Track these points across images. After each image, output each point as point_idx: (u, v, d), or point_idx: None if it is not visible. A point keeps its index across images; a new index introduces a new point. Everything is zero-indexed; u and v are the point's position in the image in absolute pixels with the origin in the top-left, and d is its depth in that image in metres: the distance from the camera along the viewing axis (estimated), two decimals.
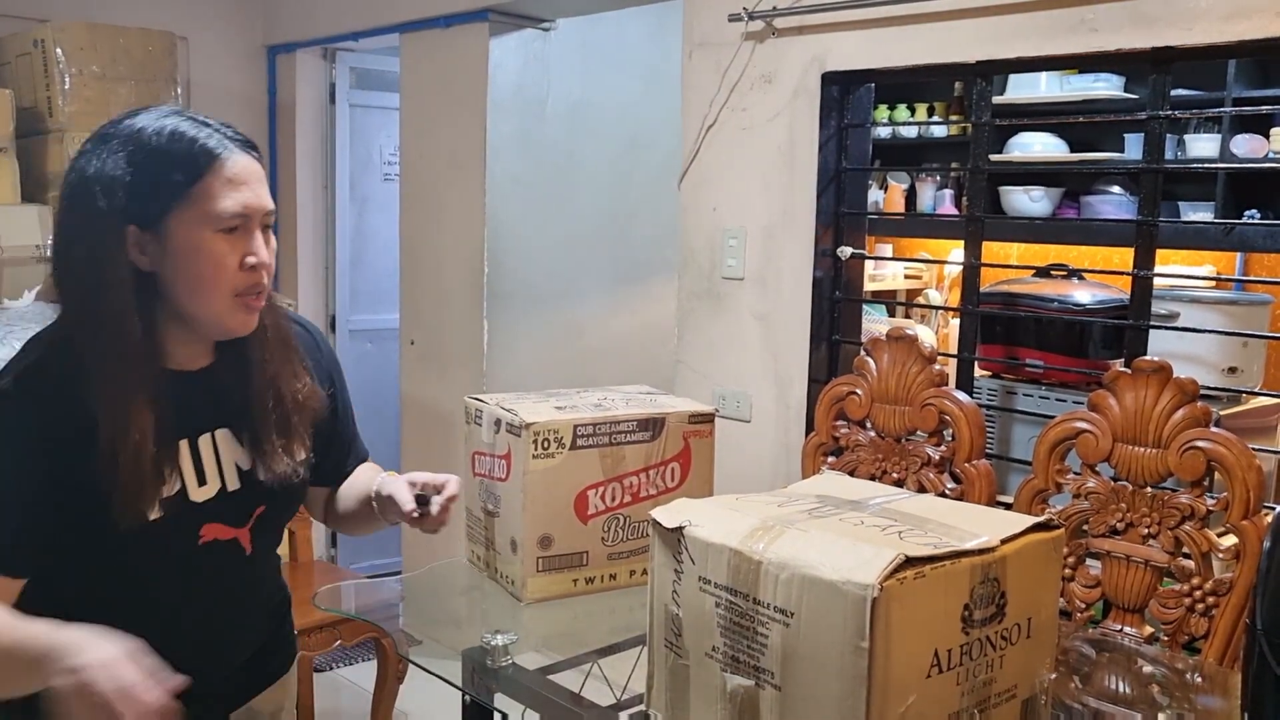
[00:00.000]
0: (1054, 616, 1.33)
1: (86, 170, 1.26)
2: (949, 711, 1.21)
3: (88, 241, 1.24)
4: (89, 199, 1.24)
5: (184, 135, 1.26)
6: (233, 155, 1.27)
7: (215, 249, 1.26)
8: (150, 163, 1.24)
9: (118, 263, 1.24)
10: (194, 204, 1.25)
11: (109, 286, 1.24)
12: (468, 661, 1.69)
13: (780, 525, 1.27)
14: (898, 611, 1.12)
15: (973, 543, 1.21)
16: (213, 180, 1.25)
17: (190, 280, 1.26)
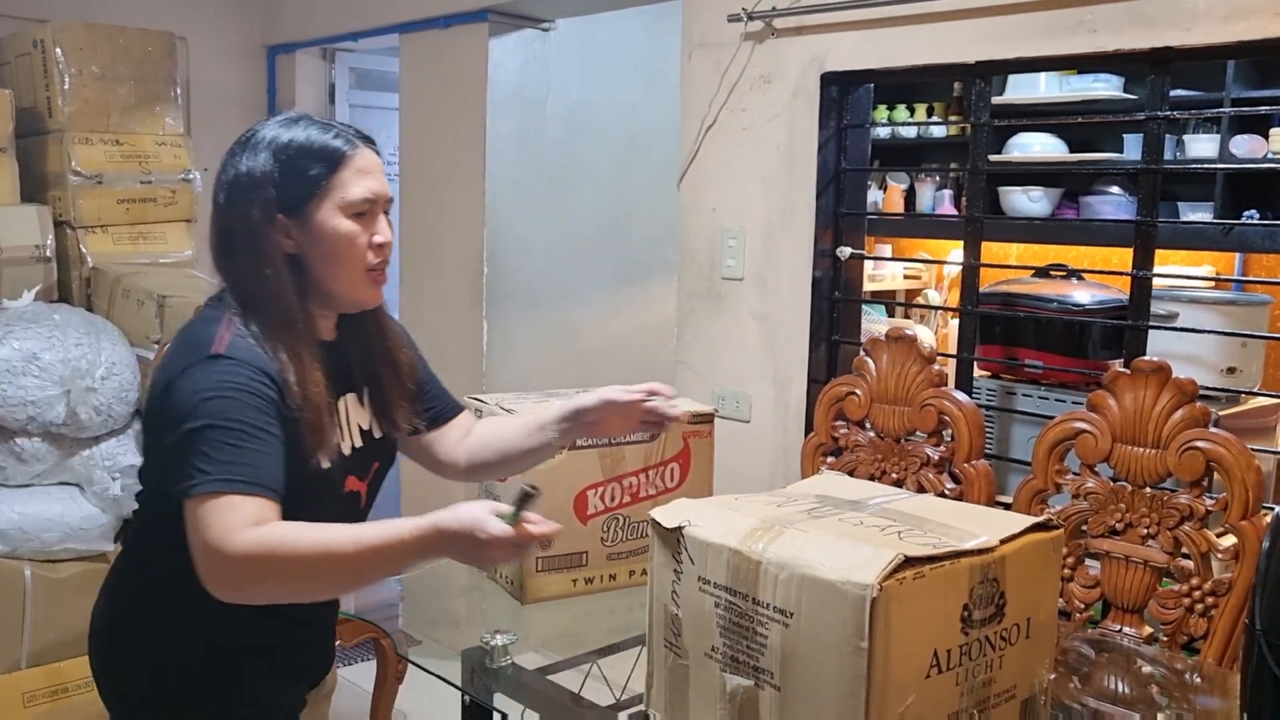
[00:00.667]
0: (1053, 617, 1.33)
1: (239, 169, 1.44)
2: (948, 711, 1.20)
3: (247, 230, 1.43)
4: (245, 194, 1.43)
5: (319, 135, 1.46)
6: (359, 149, 1.47)
7: (349, 230, 1.45)
8: (293, 160, 1.44)
9: (273, 246, 1.43)
10: (331, 193, 1.44)
11: (270, 266, 1.43)
12: (467, 662, 1.69)
13: (780, 525, 1.27)
14: (897, 611, 1.12)
15: (972, 543, 1.21)
16: (345, 172, 1.45)
17: (329, 259, 1.46)
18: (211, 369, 1.35)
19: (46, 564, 2.74)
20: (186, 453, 1.31)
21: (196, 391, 1.34)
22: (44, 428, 2.70)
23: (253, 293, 1.44)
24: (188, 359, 1.37)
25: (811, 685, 1.18)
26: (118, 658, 1.54)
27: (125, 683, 1.55)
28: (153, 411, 1.43)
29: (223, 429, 1.31)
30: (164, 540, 1.46)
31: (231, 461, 1.30)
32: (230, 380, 1.35)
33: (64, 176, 3.21)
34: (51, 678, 2.75)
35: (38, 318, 2.80)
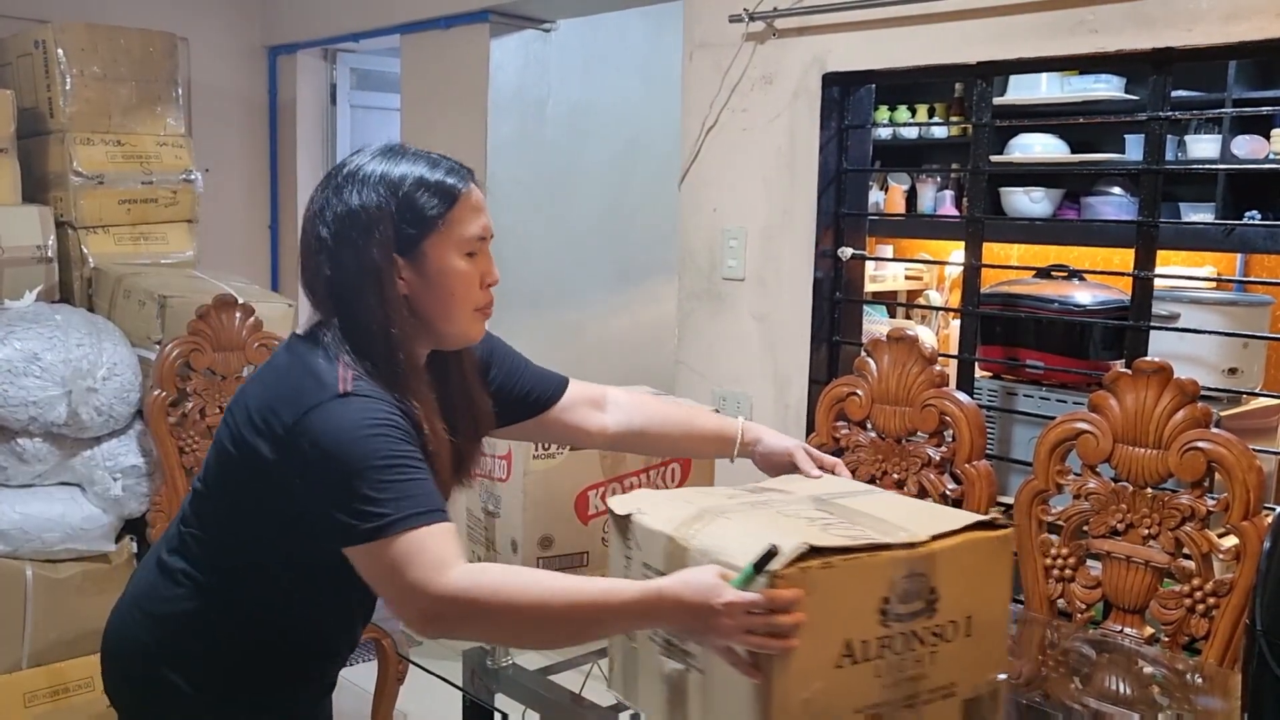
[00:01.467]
0: (1002, 616, 1.31)
1: (350, 204, 1.37)
2: (869, 703, 1.20)
3: (368, 271, 1.36)
4: (362, 232, 1.36)
5: (431, 171, 1.41)
6: (470, 186, 1.44)
7: (466, 270, 1.41)
8: (410, 197, 1.38)
9: (395, 288, 1.37)
10: (448, 231, 1.39)
11: (394, 310, 1.37)
12: (468, 662, 1.69)
13: (715, 514, 1.30)
14: (800, 599, 1.13)
15: (895, 537, 1.21)
16: (460, 209, 1.40)
17: (443, 299, 1.40)
18: (348, 408, 1.30)
19: (47, 564, 2.74)
20: (347, 496, 1.25)
21: (341, 431, 1.28)
22: (45, 428, 2.70)
23: (377, 334, 1.36)
24: (312, 399, 1.30)
25: (728, 668, 1.20)
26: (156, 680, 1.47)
27: (155, 704, 1.49)
28: (250, 445, 1.34)
29: (385, 466, 1.26)
30: (233, 576, 1.44)
31: (405, 496, 1.25)
32: (373, 416, 1.30)
33: (65, 177, 3.21)
34: (52, 678, 2.75)
35: (39, 318, 2.80)
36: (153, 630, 1.47)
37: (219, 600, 1.44)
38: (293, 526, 1.35)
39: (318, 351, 1.37)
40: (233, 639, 1.45)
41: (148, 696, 1.49)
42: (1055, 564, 2.04)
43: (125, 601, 1.53)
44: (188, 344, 2.63)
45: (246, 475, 1.37)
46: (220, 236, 3.96)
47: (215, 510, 1.45)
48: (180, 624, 1.45)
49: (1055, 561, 2.04)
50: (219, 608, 1.44)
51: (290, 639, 1.47)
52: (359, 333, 1.37)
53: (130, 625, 1.50)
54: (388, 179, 1.38)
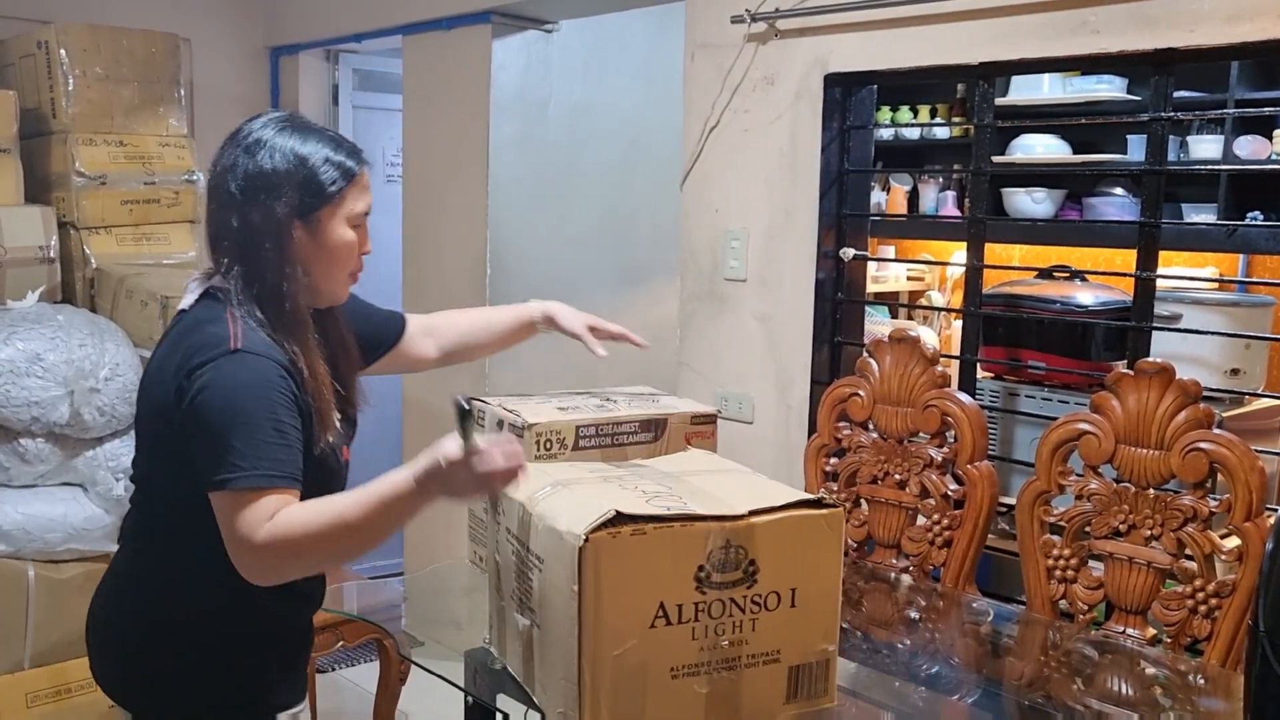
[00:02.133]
0: (832, 590, 1.39)
1: (261, 166, 1.53)
2: (684, 663, 1.30)
3: (272, 228, 1.52)
4: (269, 192, 1.52)
5: (334, 151, 1.57)
6: (364, 168, 1.61)
7: (351, 240, 1.59)
8: (318, 170, 1.54)
9: (293, 245, 1.54)
10: (340, 205, 1.56)
11: (290, 265, 1.53)
12: (470, 662, 1.69)
13: (564, 485, 1.41)
14: (609, 562, 1.23)
15: (714, 510, 1.30)
16: (354, 187, 1.58)
17: (329, 262, 1.58)
18: (234, 365, 1.44)
19: (50, 564, 2.75)
20: (218, 448, 1.40)
21: (225, 387, 1.43)
22: (47, 428, 2.70)
23: (274, 288, 1.52)
24: (203, 356, 1.45)
25: (554, 625, 1.31)
26: (132, 649, 1.61)
27: (138, 675, 1.61)
28: (163, 406, 1.49)
29: (253, 427, 1.41)
30: (172, 533, 1.57)
31: (262, 457, 1.40)
32: (255, 377, 1.44)
33: (68, 177, 3.21)
34: (54, 678, 2.75)
35: (41, 318, 2.80)
36: (119, 602, 1.62)
37: (158, 575, 1.59)
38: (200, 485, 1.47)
39: (212, 307, 1.52)
40: (171, 615, 1.57)
41: (130, 676, 1.62)
42: (1057, 565, 2.04)
43: (98, 592, 1.67)
44: None
45: (166, 442, 1.52)
46: None
47: (152, 485, 1.60)
48: (148, 593, 1.59)
49: (1057, 562, 2.04)
50: (159, 583, 1.58)
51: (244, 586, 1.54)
52: (258, 282, 1.52)
53: (99, 606, 1.65)
54: (298, 152, 1.54)
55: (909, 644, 1.97)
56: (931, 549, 2.23)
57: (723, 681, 1.32)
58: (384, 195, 4.49)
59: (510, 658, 1.51)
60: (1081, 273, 2.76)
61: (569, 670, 1.28)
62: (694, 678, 1.31)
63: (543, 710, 1.41)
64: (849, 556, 2.34)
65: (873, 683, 1.78)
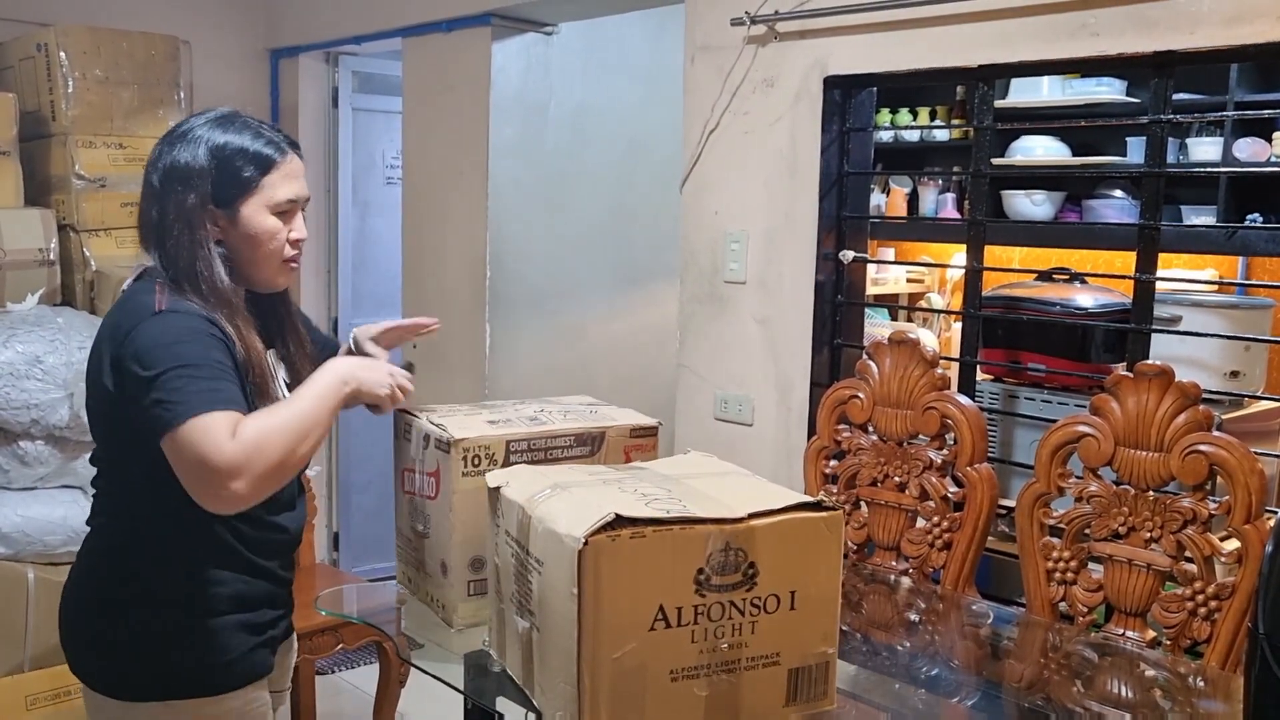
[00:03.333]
0: (831, 593, 1.38)
1: (177, 160, 1.60)
2: (684, 665, 1.29)
3: (182, 215, 1.59)
4: (182, 183, 1.59)
5: (252, 140, 1.62)
6: (288, 156, 1.65)
7: (272, 226, 1.64)
8: (229, 161, 1.60)
9: (205, 230, 1.60)
10: (259, 193, 1.62)
11: (204, 250, 1.59)
12: (469, 665, 1.69)
13: (563, 488, 1.40)
14: (608, 565, 1.23)
15: (714, 513, 1.30)
16: (273, 175, 1.63)
17: (252, 249, 1.64)
18: (160, 322, 1.50)
19: (49, 567, 2.74)
20: (157, 398, 1.43)
21: (153, 344, 1.48)
22: (47, 430, 2.70)
23: (188, 268, 1.58)
24: (130, 323, 1.51)
25: (554, 627, 1.31)
26: (101, 627, 1.63)
27: (106, 654, 1.62)
28: (102, 385, 1.55)
29: (186, 367, 1.45)
30: (133, 510, 1.61)
31: (201, 391, 1.44)
32: (182, 326, 1.50)
33: (67, 180, 3.21)
34: (54, 680, 2.75)
35: (41, 321, 2.80)
36: (84, 582, 1.66)
37: (124, 552, 1.62)
38: (149, 452, 1.49)
39: (141, 284, 1.60)
40: (151, 565, 1.61)
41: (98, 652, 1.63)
42: (1057, 567, 2.04)
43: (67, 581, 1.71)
44: None
45: (112, 418, 1.58)
46: None
47: (109, 468, 1.65)
48: (102, 567, 1.64)
49: (1057, 565, 2.04)
50: (125, 559, 1.62)
51: (211, 562, 1.62)
52: (181, 269, 1.58)
53: (67, 592, 1.69)
54: (213, 143, 1.61)
55: (909, 646, 1.97)
56: (931, 551, 2.23)
57: (722, 684, 1.32)
58: (383, 197, 4.50)
59: (509, 660, 1.51)
60: (1081, 275, 2.76)
61: (568, 673, 1.28)
62: (693, 680, 1.31)
63: (542, 713, 1.41)
64: (848, 559, 2.34)
65: (872, 685, 1.78)
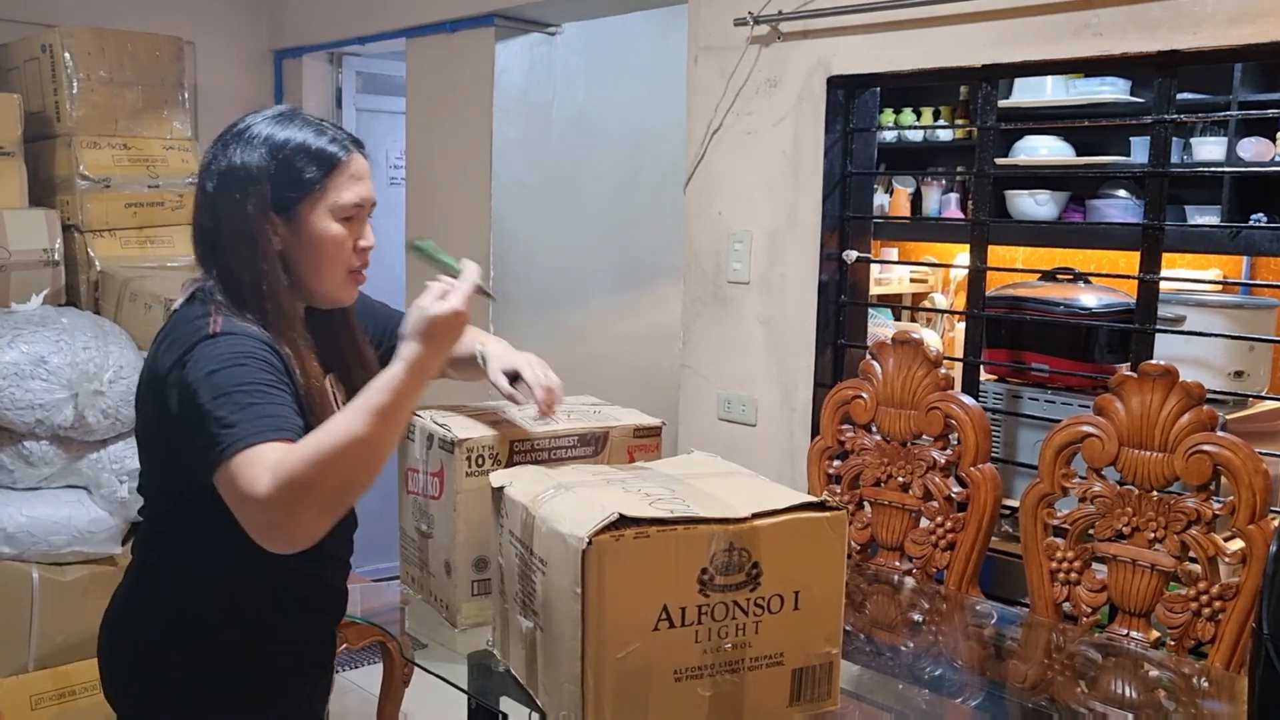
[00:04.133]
0: (835, 593, 1.38)
1: (233, 161, 1.45)
2: (688, 665, 1.29)
3: (241, 225, 1.44)
4: (239, 188, 1.44)
5: (315, 138, 1.48)
6: (352, 155, 1.50)
7: (338, 234, 1.49)
8: (290, 161, 1.46)
9: (267, 241, 1.45)
10: (324, 196, 1.47)
11: (266, 261, 1.45)
12: (473, 665, 1.69)
13: (567, 488, 1.40)
14: (612, 565, 1.22)
15: (717, 513, 1.29)
16: (339, 176, 1.48)
17: (316, 259, 1.49)
18: (212, 347, 1.36)
19: (54, 567, 2.75)
20: (208, 427, 1.29)
21: (203, 369, 1.34)
22: (52, 431, 2.71)
23: (249, 284, 1.44)
24: (181, 348, 1.38)
25: (557, 627, 1.31)
26: (141, 660, 1.56)
27: (145, 686, 1.55)
28: (153, 413, 1.44)
29: (238, 393, 1.31)
30: (176, 542, 1.51)
31: (251, 417, 1.28)
32: (236, 350, 1.36)
33: (72, 180, 3.22)
34: (59, 680, 2.76)
35: (45, 321, 2.81)
36: (133, 624, 1.56)
37: (182, 584, 1.51)
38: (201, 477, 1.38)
39: (194, 307, 1.45)
40: (200, 623, 1.51)
41: (140, 689, 1.55)
42: (1061, 567, 2.04)
43: (115, 600, 1.61)
44: None
45: (162, 446, 1.46)
46: None
47: (155, 493, 1.54)
48: (154, 615, 1.53)
49: (1061, 565, 2.04)
50: (184, 592, 1.51)
51: (258, 598, 1.51)
52: (233, 282, 1.45)
53: (113, 625, 1.60)
54: (271, 142, 1.46)
55: (912, 646, 1.97)
56: (935, 551, 2.23)
57: (726, 684, 1.32)
58: (387, 198, 4.50)
59: (513, 660, 1.51)
60: (1085, 275, 2.76)
61: (572, 673, 1.28)
62: (697, 680, 1.31)
63: (546, 713, 1.41)
64: (852, 559, 2.34)
65: (876, 685, 1.78)
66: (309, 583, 1.58)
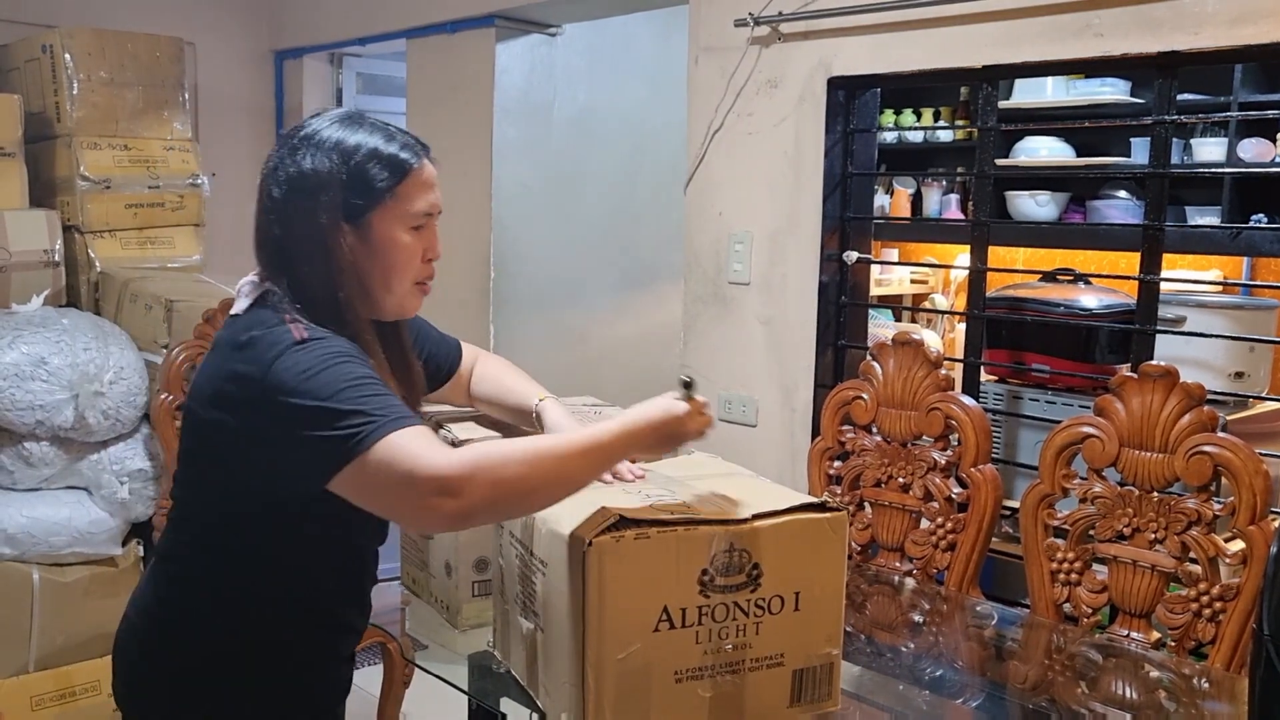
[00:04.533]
0: (836, 594, 1.38)
1: (302, 166, 1.39)
2: (688, 666, 1.29)
3: (314, 233, 1.38)
4: (309, 194, 1.38)
5: (385, 143, 1.42)
6: (423, 162, 1.44)
7: (407, 243, 1.43)
8: (361, 166, 1.39)
9: (343, 253, 1.39)
10: (394, 204, 1.41)
11: (340, 272, 1.39)
12: (473, 666, 1.69)
13: None
14: (612, 566, 1.23)
15: (718, 514, 1.30)
16: (409, 184, 1.42)
17: (385, 268, 1.43)
18: (307, 351, 1.30)
19: (54, 568, 2.75)
20: (326, 422, 1.24)
21: (307, 369, 1.27)
22: (52, 432, 2.71)
23: (323, 296, 1.38)
24: (271, 354, 1.30)
25: (558, 629, 1.31)
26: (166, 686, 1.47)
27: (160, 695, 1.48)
28: (221, 422, 1.35)
29: (355, 385, 1.27)
30: (214, 553, 1.44)
31: (379, 409, 1.25)
32: (332, 350, 1.31)
33: (72, 181, 3.22)
34: (59, 681, 2.76)
35: (46, 322, 2.81)
36: (158, 635, 1.47)
37: (218, 595, 1.44)
38: (276, 489, 1.34)
39: (263, 314, 1.37)
40: (235, 634, 1.44)
41: (159, 704, 1.48)
42: (1061, 568, 2.04)
43: (131, 610, 1.53)
44: (194, 348, 2.63)
45: (220, 456, 1.38)
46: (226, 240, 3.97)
47: (196, 504, 1.45)
48: (183, 625, 1.45)
49: (1061, 566, 2.04)
50: (219, 602, 1.44)
51: (293, 614, 1.46)
52: (306, 294, 1.38)
53: (137, 633, 1.50)
54: (342, 146, 1.40)
55: (913, 647, 1.97)
56: (935, 552, 2.23)
57: (726, 685, 1.32)
58: None
59: (514, 661, 1.51)
60: (1085, 276, 2.76)
61: (573, 674, 1.28)
62: (698, 681, 1.31)
63: (546, 714, 1.41)
64: (852, 560, 2.34)
65: (877, 686, 1.77)
66: (346, 603, 1.53)
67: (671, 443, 1.40)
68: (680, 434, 1.40)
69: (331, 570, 1.48)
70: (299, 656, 1.49)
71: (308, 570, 1.45)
